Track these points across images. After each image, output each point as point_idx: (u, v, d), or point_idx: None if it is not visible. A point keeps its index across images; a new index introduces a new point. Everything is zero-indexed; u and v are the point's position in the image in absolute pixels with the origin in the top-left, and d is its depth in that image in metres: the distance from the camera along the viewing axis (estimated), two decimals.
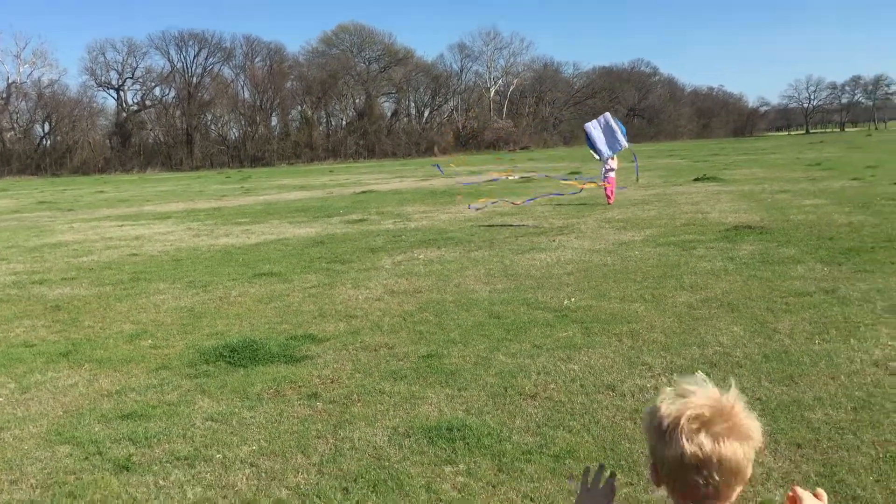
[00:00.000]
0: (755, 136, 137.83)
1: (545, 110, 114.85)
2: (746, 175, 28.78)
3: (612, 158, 19.66)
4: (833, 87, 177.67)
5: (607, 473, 1.79)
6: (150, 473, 4.60)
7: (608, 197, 19.90)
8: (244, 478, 4.50)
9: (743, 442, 1.55)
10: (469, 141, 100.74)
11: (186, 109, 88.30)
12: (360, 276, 11.09)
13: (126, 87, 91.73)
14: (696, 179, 27.19)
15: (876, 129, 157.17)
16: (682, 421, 1.53)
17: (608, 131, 12.75)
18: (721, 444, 1.51)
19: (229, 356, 7.01)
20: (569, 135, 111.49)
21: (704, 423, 1.53)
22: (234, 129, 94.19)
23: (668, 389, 1.62)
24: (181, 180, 54.01)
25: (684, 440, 1.52)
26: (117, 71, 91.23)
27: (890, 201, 16.66)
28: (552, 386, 5.85)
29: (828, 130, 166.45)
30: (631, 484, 4.18)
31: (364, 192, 30.45)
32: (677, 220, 15.59)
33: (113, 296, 10.37)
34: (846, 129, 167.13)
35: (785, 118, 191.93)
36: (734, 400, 1.58)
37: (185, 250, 14.85)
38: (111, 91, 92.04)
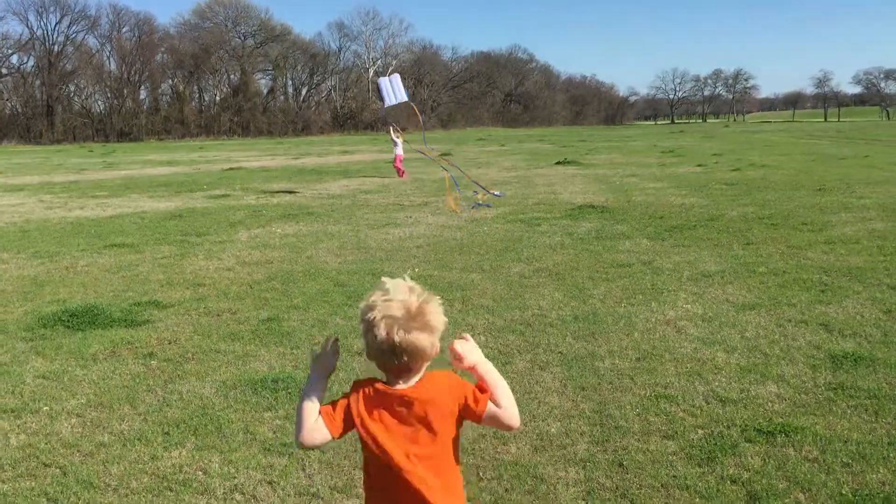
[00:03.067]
0: (624, 125, 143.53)
1: (423, 93, 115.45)
2: (605, 160, 30.24)
3: (397, 133, 23.54)
4: (696, 79, 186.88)
5: (333, 338, 2.32)
6: None
7: (399, 172, 22.96)
8: (69, 426, 4.71)
9: (429, 333, 2.07)
10: (347, 122, 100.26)
11: (47, 79, 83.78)
12: (215, 247, 11.21)
13: None
14: (558, 163, 28.36)
15: (734, 120, 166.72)
16: (381, 319, 2.05)
17: (395, 86, 14.49)
18: (409, 336, 2.05)
19: (68, 321, 7.09)
20: (446, 118, 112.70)
21: (398, 321, 2.04)
22: (100, 102, 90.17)
23: (377, 292, 2.10)
24: (39, 153, 51.43)
25: (383, 332, 2.04)
26: None
27: (723, 185, 18.07)
28: None
29: (691, 121, 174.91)
30: None
31: (232, 168, 30.08)
32: (530, 200, 16.40)
33: None
34: (708, 121, 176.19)
35: (653, 108, 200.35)
36: (423, 301, 2.07)
37: (35, 222, 14.46)
38: None
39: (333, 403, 2.20)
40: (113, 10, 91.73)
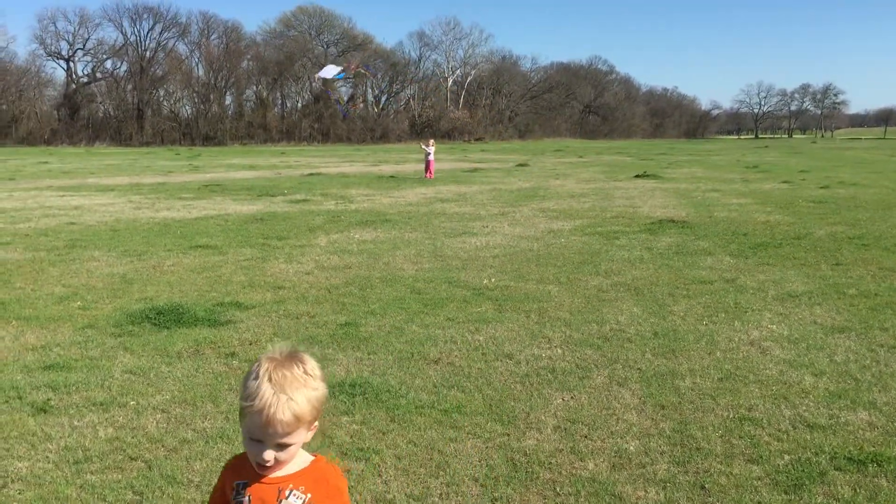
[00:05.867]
0: (706, 139, 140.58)
1: (501, 102, 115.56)
2: (685, 174, 29.69)
3: (431, 145, 28.65)
4: (783, 93, 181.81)
5: None
6: (65, 415, 4.92)
7: (428, 173, 27.59)
8: (154, 422, 4.85)
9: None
10: (424, 130, 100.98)
11: (138, 84, 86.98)
12: (294, 251, 11.42)
13: (76, 59, 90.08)
14: (637, 176, 27.97)
15: (822, 136, 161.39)
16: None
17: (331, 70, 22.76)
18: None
19: (155, 318, 7.30)
20: (524, 128, 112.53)
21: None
22: (187, 107, 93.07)
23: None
24: (129, 155, 53.37)
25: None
26: (68, 41, 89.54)
27: (811, 203, 17.51)
28: (455, 353, 6.29)
29: (776, 136, 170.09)
30: (507, 434, 4.64)
31: (312, 174, 30.62)
32: (608, 213, 16.21)
33: (46, 261, 10.55)
34: (794, 136, 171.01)
35: (736, 122, 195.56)
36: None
37: (125, 221, 14.99)
38: (61, 61, 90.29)
39: None
40: (203, 17, 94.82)
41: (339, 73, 22.28)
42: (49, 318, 7.38)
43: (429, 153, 27.93)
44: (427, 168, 27.92)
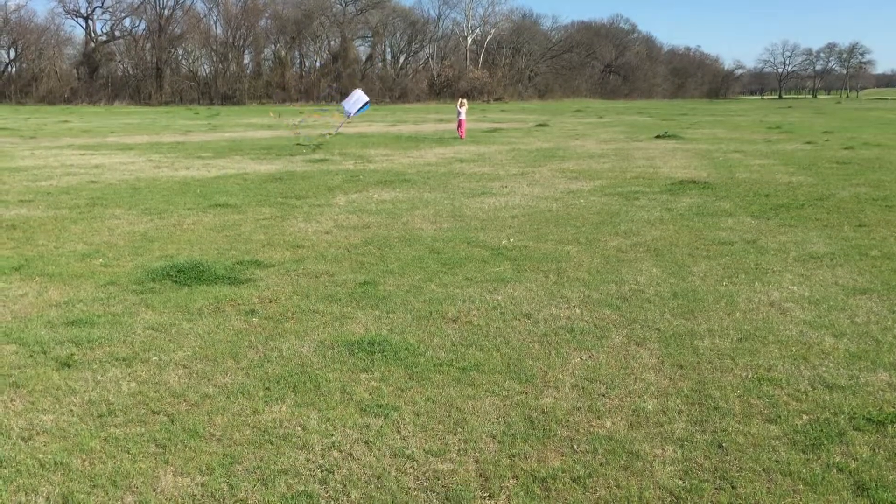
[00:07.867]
0: (728, 99, 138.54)
1: (521, 62, 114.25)
2: (707, 135, 29.34)
3: (463, 105, 28.83)
4: (808, 52, 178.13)
5: None
6: (89, 370, 5.00)
7: (460, 134, 27.46)
8: (176, 377, 4.91)
9: None
10: (443, 90, 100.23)
11: (157, 42, 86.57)
12: (313, 210, 11.43)
13: (95, 17, 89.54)
14: (658, 137, 27.67)
15: (847, 97, 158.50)
16: None
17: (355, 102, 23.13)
18: None
19: (176, 276, 7.37)
20: (543, 88, 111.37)
21: None
22: (206, 66, 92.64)
23: None
24: (148, 114, 53.45)
25: None
26: None
27: (834, 164, 17.28)
28: (474, 312, 6.31)
29: (800, 96, 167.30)
30: (525, 392, 4.66)
31: (330, 133, 30.50)
32: (628, 173, 16.08)
33: (69, 218, 10.64)
34: (818, 96, 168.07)
35: (759, 82, 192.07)
36: None
37: (145, 180, 15.05)
38: (80, 20, 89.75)
39: None
40: None
41: (362, 107, 24.12)
42: (72, 275, 7.46)
43: (460, 112, 28.27)
44: (459, 127, 28.05)
